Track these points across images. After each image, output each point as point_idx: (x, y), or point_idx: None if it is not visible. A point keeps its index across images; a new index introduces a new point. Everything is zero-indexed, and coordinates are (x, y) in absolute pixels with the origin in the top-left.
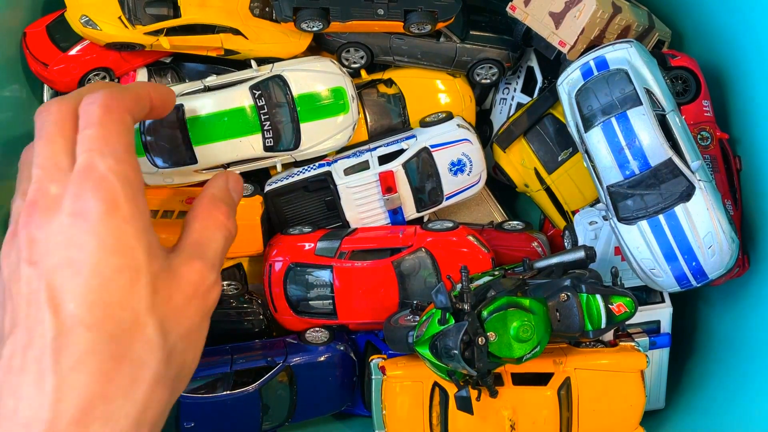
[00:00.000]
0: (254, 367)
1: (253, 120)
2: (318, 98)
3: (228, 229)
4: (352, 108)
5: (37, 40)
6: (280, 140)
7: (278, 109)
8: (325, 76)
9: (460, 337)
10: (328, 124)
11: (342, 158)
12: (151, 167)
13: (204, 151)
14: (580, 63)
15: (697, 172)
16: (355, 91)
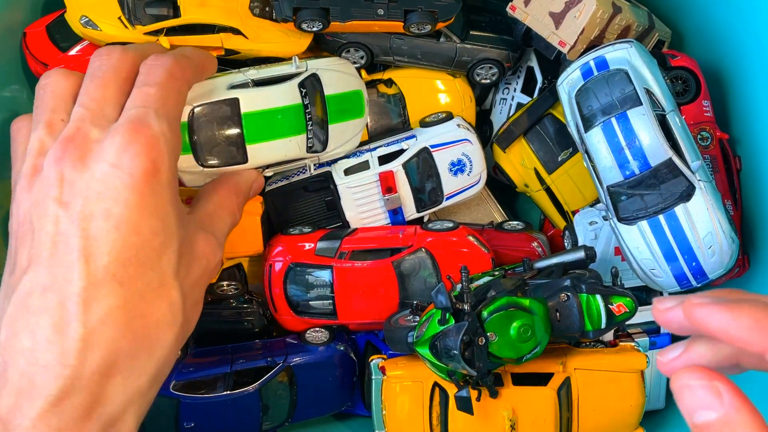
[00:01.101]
0: (254, 367)
1: (300, 119)
2: (343, 100)
3: (235, 218)
4: (366, 112)
5: (37, 40)
6: (316, 141)
7: (314, 108)
8: (348, 78)
9: (460, 337)
10: (349, 126)
11: (342, 158)
12: (196, 166)
13: (256, 150)
14: (580, 63)
15: (697, 172)
16: (368, 95)
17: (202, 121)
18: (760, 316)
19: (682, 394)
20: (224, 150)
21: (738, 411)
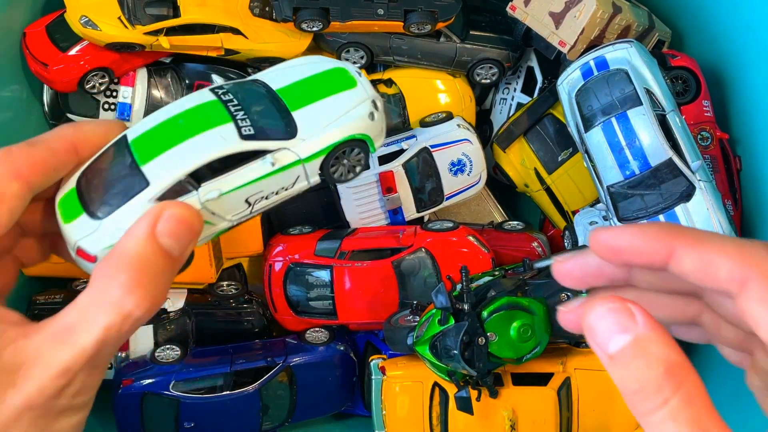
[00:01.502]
0: (254, 367)
1: (219, 111)
2: (307, 84)
3: (122, 309)
4: (362, 83)
5: (37, 40)
6: (261, 124)
7: (254, 99)
8: (312, 65)
9: (460, 337)
10: (332, 102)
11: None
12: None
13: (158, 166)
14: (580, 63)
15: (697, 172)
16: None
17: (90, 173)
18: (663, 227)
19: (594, 326)
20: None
21: (652, 329)
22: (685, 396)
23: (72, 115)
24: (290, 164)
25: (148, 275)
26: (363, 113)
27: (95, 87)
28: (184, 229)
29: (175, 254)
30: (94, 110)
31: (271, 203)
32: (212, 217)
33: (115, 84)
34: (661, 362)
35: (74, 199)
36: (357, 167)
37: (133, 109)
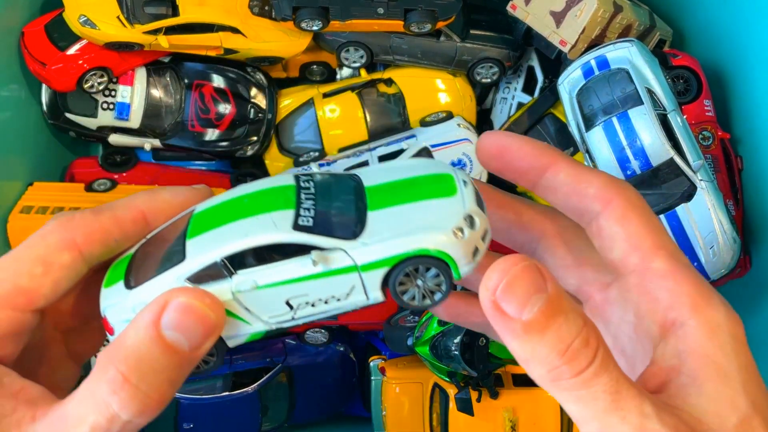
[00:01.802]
0: (253, 367)
1: (288, 197)
2: (402, 186)
3: (107, 409)
4: (463, 193)
5: (36, 39)
6: (328, 222)
7: (334, 191)
8: (422, 167)
9: (461, 338)
10: (417, 208)
11: (342, 158)
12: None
13: (199, 244)
14: (581, 62)
15: (698, 171)
16: (471, 182)
17: (151, 241)
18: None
19: (506, 295)
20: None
21: (556, 283)
22: (603, 343)
23: (70, 115)
24: (342, 269)
25: (141, 372)
26: (448, 227)
27: (94, 86)
28: (194, 321)
29: (184, 349)
30: (92, 110)
31: (318, 313)
32: (246, 313)
33: (114, 83)
34: (579, 314)
35: (124, 265)
36: (436, 294)
37: (131, 108)
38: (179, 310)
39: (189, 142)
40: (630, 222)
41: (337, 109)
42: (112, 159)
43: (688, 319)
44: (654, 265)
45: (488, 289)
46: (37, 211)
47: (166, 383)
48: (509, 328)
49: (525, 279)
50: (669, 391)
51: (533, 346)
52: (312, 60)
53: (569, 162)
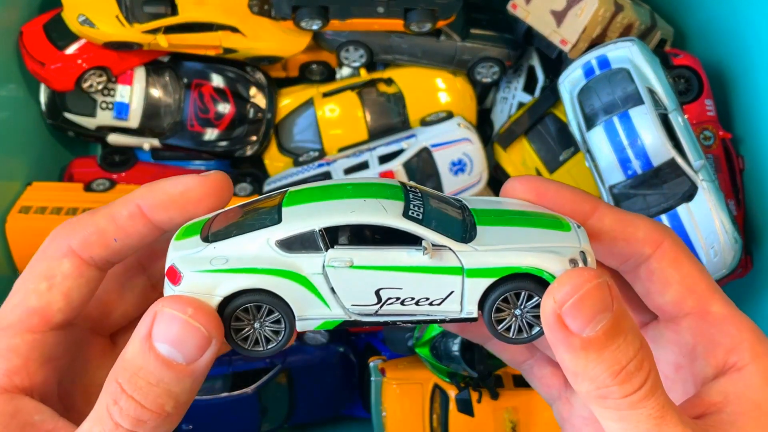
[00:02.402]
0: (253, 368)
1: (396, 192)
2: (509, 214)
3: (105, 424)
4: (577, 232)
5: (34, 38)
6: (437, 220)
7: (440, 202)
8: (528, 206)
9: (461, 338)
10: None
11: (342, 158)
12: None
13: (298, 212)
14: (581, 62)
15: (699, 171)
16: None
17: (235, 210)
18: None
19: (574, 311)
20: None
21: (621, 301)
22: (655, 367)
23: (69, 114)
24: (447, 268)
25: (136, 385)
26: (566, 254)
27: (93, 86)
28: (187, 333)
29: (180, 362)
30: (91, 109)
31: (404, 314)
32: (329, 295)
33: (113, 83)
34: (637, 335)
35: (200, 224)
36: (534, 327)
37: (130, 108)
38: (167, 321)
39: (188, 141)
40: (683, 265)
41: (336, 109)
42: (111, 159)
43: (747, 364)
44: (713, 309)
45: (556, 301)
46: (35, 211)
47: (164, 395)
48: (567, 341)
49: (595, 297)
50: (706, 423)
51: (587, 363)
52: (312, 59)
53: (611, 207)
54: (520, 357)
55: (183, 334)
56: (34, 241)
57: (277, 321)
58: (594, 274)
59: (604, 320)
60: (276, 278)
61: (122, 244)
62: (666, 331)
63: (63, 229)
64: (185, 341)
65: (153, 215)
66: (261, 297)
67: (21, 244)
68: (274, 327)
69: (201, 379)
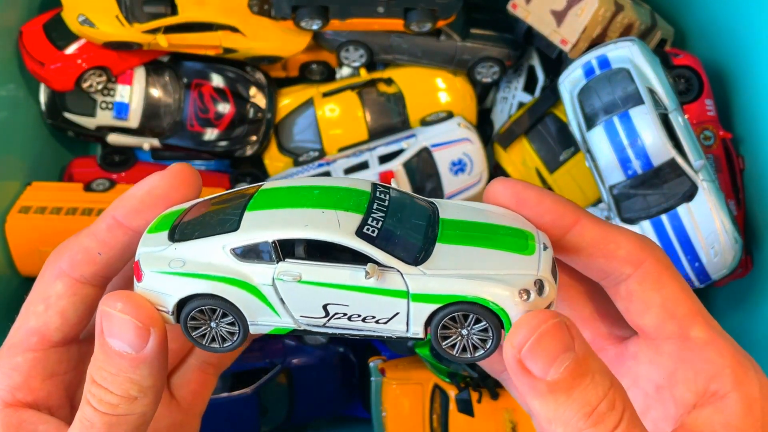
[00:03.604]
0: (252, 368)
1: (360, 202)
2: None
3: (82, 417)
4: (541, 257)
5: (34, 38)
6: (393, 239)
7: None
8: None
9: None
10: (489, 255)
11: (342, 158)
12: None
13: (256, 219)
14: (582, 62)
15: (700, 171)
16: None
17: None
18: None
19: (533, 354)
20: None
21: (584, 341)
22: (630, 405)
23: (69, 114)
24: (392, 291)
25: (102, 376)
26: (515, 284)
27: (92, 86)
28: (122, 326)
29: (129, 352)
30: (91, 109)
31: (352, 329)
32: (279, 304)
33: (113, 83)
34: (606, 375)
35: (175, 215)
36: (478, 350)
37: (130, 108)
38: (108, 319)
39: (188, 141)
40: (664, 287)
41: (336, 109)
42: (110, 159)
43: (729, 392)
44: (693, 334)
45: (514, 346)
46: (35, 211)
47: (127, 383)
48: (533, 387)
49: (553, 338)
50: None
51: (557, 407)
52: (312, 59)
53: (594, 220)
54: (497, 367)
55: (120, 327)
56: (34, 241)
57: (232, 323)
58: (550, 315)
59: (567, 360)
60: (228, 286)
61: (108, 257)
62: (647, 350)
63: (55, 253)
64: (124, 333)
65: (129, 222)
66: (214, 302)
67: (21, 244)
68: (229, 328)
69: (158, 363)
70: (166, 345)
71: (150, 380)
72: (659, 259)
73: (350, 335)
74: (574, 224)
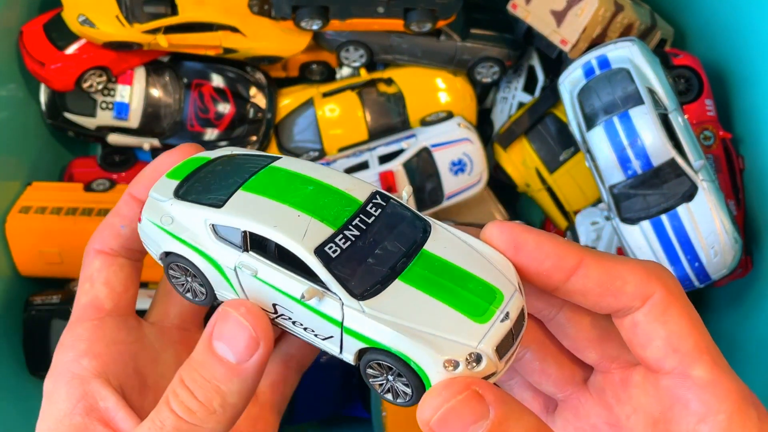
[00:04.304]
0: None
1: (342, 210)
2: (454, 274)
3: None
4: (492, 327)
5: (34, 38)
6: (353, 264)
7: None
8: (485, 266)
9: None
10: (437, 310)
11: (342, 158)
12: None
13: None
14: (581, 62)
15: (699, 171)
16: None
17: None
18: (567, 240)
19: (442, 427)
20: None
21: (504, 403)
22: None
23: (69, 114)
24: (328, 316)
25: (193, 378)
26: (446, 351)
27: (93, 86)
28: (237, 331)
29: (231, 360)
30: (91, 109)
31: (295, 331)
32: (239, 287)
33: (113, 83)
34: None
35: (193, 166)
36: (399, 398)
37: (130, 108)
38: (224, 320)
39: (188, 141)
40: (670, 320)
41: (336, 109)
42: (110, 159)
43: None
44: (694, 373)
45: (423, 418)
46: (35, 211)
47: (213, 391)
48: None
49: (463, 409)
50: None
51: None
52: (312, 59)
53: (596, 258)
54: (501, 377)
55: (234, 331)
56: (34, 241)
57: (202, 285)
58: (464, 385)
59: (480, 429)
60: (199, 256)
61: (130, 229)
62: (649, 381)
63: (92, 236)
64: (236, 339)
65: (143, 197)
66: (186, 264)
67: (21, 244)
68: (200, 288)
69: (249, 384)
70: (264, 367)
71: (236, 398)
72: (669, 289)
73: (296, 335)
74: (577, 267)
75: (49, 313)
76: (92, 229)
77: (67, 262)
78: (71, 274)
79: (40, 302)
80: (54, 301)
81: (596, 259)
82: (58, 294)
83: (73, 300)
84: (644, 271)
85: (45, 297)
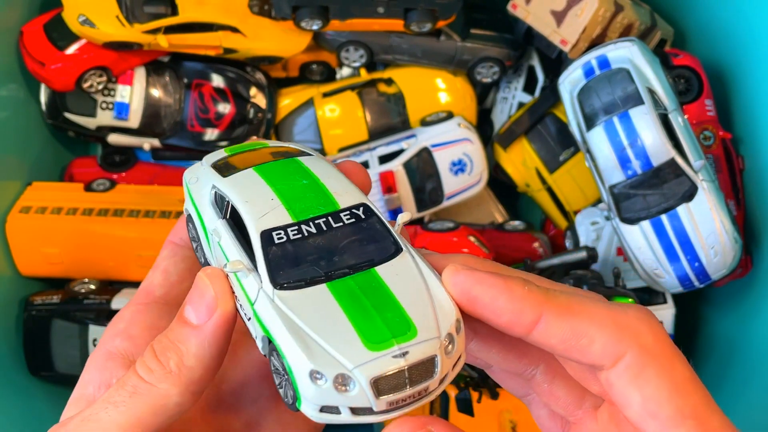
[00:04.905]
0: None
1: (321, 207)
2: (381, 299)
3: None
4: (383, 359)
5: (34, 38)
6: (300, 257)
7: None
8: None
9: None
10: (341, 325)
11: (342, 158)
12: None
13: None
14: (581, 62)
15: (699, 172)
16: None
17: None
18: (531, 287)
19: None
20: None
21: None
22: None
23: (69, 114)
24: (246, 294)
25: (159, 339)
26: (320, 363)
27: (93, 86)
28: (198, 291)
29: (192, 321)
30: (91, 110)
31: (239, 310)
32: (209, 254)
33: (113, 83)
34: None
35: (246, 148)
36: (287, 398)
37: (131, 108)
38: (195, 284)
39: (188, 141)
40: (646, 384)
41: (336, 109)
42: (111, 159)
43: None
44: None
45: None
46: (36, 211)
47: (172, 349)
48: None
49: None
50: None
51: None
52: (312, 59)
53: (558, 312)
54: (519, 391)
55: (196, 293)
56: (34, 241)
57: None
58: (415, 424)
59: None
60: (197, 217)
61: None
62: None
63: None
64: (197, 302)
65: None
66: (190, 222)
67: (21, 244)
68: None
69: (206, 348)
70: (226, 337)
71: (193, 360)
72: (644, 347)
73: None
74: (536, 323)
75: (49, 313)
76: (92, 228)
77: (67, 262)
78: (71, 274)
79: (40, 302)
80: (54, 301)
81: (558, 314)
82: (58, 294)
83: (73, 300)
84: (614, 327)
85: (45, 297)
